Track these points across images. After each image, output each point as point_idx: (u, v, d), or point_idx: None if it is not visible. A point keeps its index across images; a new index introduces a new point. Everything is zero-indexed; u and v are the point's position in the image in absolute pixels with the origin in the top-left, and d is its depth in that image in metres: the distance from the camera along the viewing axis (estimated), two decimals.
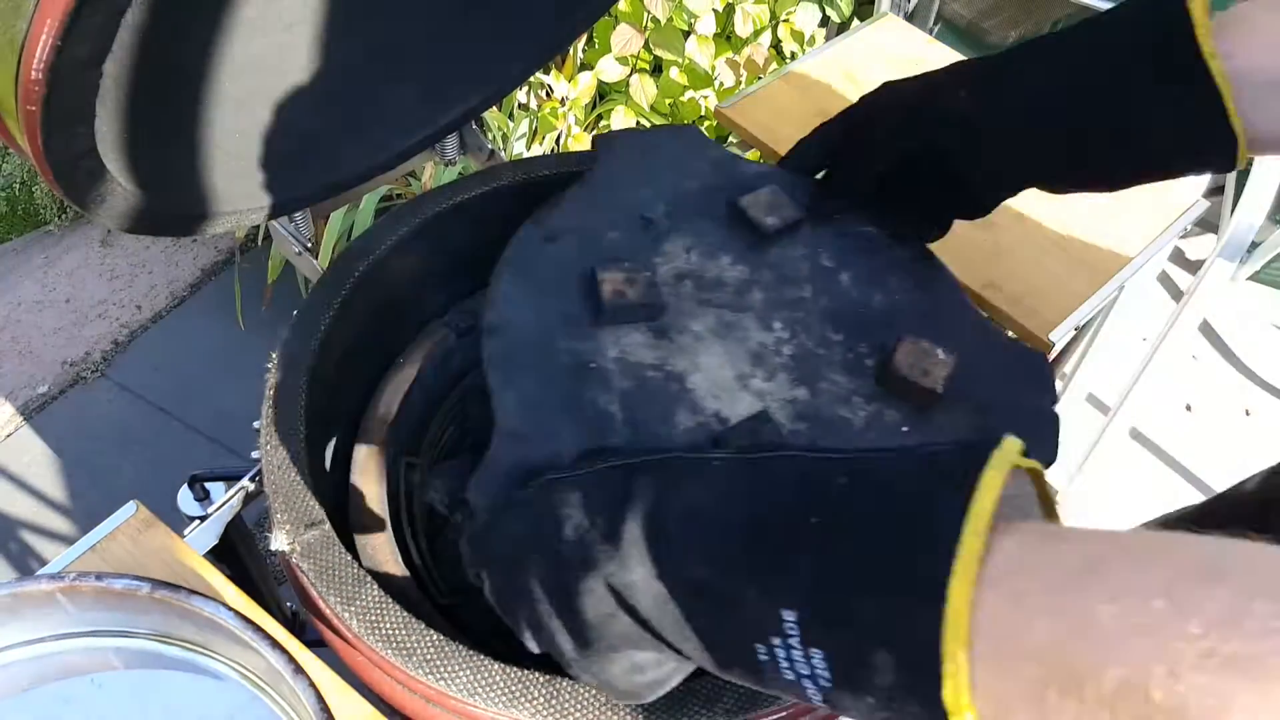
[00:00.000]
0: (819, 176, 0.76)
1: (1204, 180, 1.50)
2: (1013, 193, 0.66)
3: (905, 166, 0.67)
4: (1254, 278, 1.42)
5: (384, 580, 0.68)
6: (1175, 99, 0.55)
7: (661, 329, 0.66)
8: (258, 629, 0.54)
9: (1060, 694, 0.28)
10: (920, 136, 0.65)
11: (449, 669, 0.56)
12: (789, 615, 0.35)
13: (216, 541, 0.75)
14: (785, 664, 0.36)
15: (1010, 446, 0.34)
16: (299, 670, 0.53)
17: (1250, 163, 1.33)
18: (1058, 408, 0.66)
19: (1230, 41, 0.54)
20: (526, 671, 0.56)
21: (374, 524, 0.76)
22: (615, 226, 0.72)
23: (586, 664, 0.43)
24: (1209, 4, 0.54)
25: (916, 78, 0.67)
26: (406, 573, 0.71)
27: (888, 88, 0.69)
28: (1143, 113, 0.57)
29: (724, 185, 0.75)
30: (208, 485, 0.76)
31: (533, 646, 0.45)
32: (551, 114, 1.71)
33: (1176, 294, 2.05)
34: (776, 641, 0.36)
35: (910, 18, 1.80)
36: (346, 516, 0.76)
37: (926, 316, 0.70)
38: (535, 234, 0.71)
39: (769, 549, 0.37)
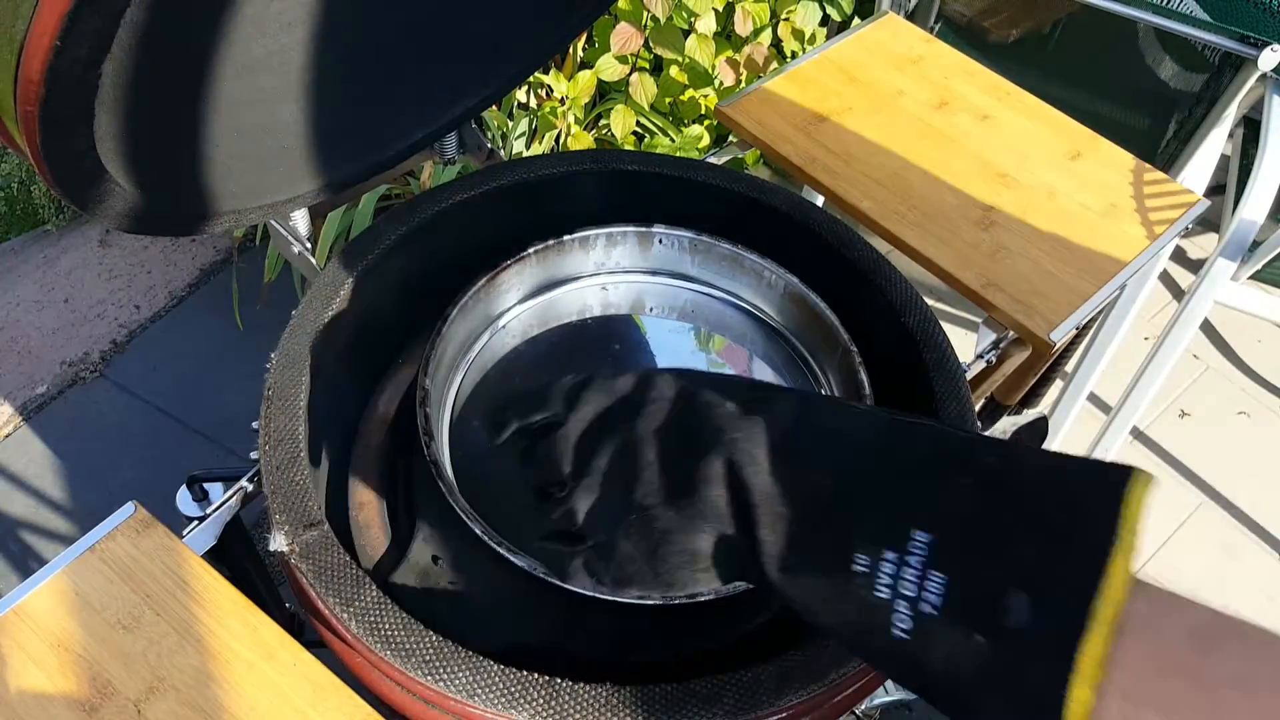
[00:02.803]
0: None
1: (1205, 178, 1.50)
2: None
3: None
4: (1255, 277, 1.42)
5: (383, 581, 0.68)
6: None
7: None
8: None
9: None
10: None
11: (448, 670, 0.56)
12: (921, 536, 0.37)
13: (215, 542, 0.75)
14: (887, 579, 0.37)
15: (1143, 476, 0.36)
16: None
17: (1253, 161, 1.33)
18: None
19: None
20: (525, 673, 0.56)
21: (373, 524, 0.76)
22: None
23: (667, 521, 0.44)
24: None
25: None
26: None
27: None
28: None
29: None
30: (206, 486, 0.76)
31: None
32: (551, 113, 1.71)
33: (1178, 293, 2.05)
34: (890, 555, 0.37)
35: (911, 16, 1.79)
36: (346, 517, 0.76)
37: None
38: None
39: (907, 477, 0.40)
